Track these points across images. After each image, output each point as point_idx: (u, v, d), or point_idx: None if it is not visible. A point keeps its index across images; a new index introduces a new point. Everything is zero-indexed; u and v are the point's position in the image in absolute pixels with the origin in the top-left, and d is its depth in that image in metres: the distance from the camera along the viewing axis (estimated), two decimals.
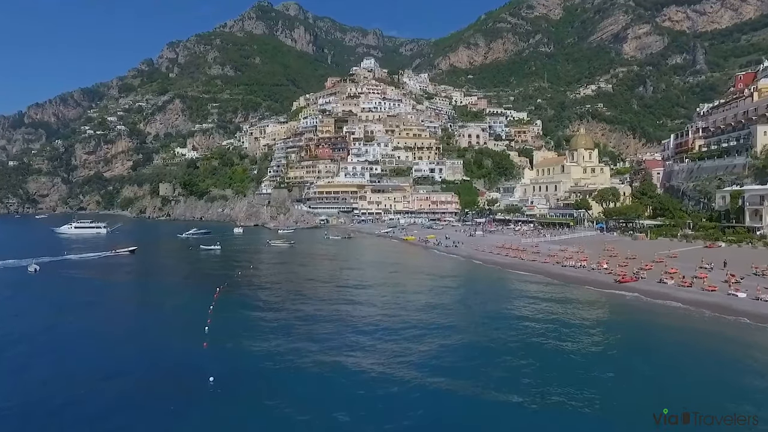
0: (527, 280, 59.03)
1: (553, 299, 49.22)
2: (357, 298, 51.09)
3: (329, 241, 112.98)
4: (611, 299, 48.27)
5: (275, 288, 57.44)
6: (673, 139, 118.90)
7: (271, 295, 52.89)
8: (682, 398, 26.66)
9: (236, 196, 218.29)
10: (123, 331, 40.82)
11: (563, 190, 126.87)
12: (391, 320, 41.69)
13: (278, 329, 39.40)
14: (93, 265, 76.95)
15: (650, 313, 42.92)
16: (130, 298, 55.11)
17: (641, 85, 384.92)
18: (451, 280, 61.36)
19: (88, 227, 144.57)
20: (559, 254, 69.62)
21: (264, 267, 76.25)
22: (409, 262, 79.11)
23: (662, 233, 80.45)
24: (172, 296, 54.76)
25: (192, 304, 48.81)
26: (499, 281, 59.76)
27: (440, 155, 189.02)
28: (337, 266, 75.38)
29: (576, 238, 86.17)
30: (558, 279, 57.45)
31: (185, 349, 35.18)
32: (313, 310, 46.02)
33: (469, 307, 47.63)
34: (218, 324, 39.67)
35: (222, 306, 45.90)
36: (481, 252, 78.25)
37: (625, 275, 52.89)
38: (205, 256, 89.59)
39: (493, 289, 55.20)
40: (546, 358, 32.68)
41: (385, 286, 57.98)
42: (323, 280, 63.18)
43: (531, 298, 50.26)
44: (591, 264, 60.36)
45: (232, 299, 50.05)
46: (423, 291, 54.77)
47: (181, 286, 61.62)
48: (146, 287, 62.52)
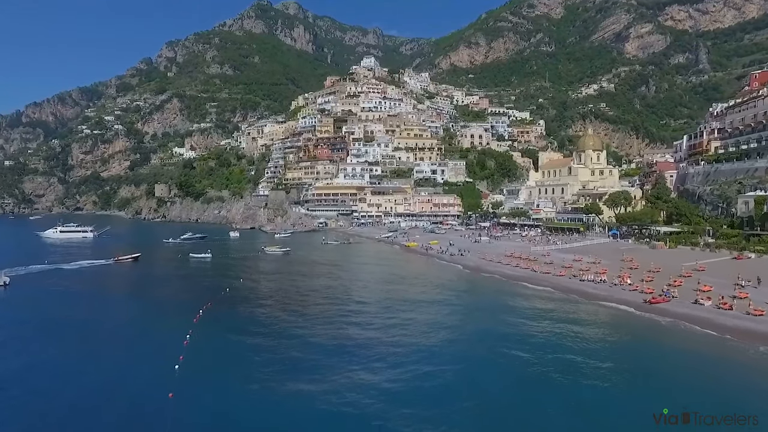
0: (543, 297, 53.44)
1: (575, 321, 43.50)
2: (357, 321, 45.46)
3: (327, 247, 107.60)
4: (643, 324, 41.97)
5: (265, 308, 51.43)
6: (686, 140, 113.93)
7: (260, 318, 47.13)
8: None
9: (233, 198, 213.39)
10: (69, 372, 33.45)
11: (570, 193, 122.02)
12: (398, 352, 36.36)
13: (265, 366, 33.64)
14: (76, 277, 71.07)
15: (696, 346, 36.10)
16: (91, 324, 46.45)
17: (644, 84, 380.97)
18: (459, 298, 55.79)
19: (74, 231, 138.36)
20: (574, 265, 64.60)
21: (255, 280, 69.85)
22: (413, 274, 72.43)
23: (681, 241, 75.41)
24: (145, 320, 48.15)
25: (166, 332, 42.41)
26: (513, 299, 53.91)
27: (442, 156, 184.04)
28: (334, 279, 68.68)
29: (588, 246, 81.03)
30: (577, 296, 51.78)
31: (145, 399, 28.81)
32: (308, 337, 40.47)
33: (481, 335, 41.53)
34: (193, 360, 33.77)
35: (202, 333, 40.15)
36: (489, 261, 72.97)
37: (655, 293, 47.26)
38: (195, 264, 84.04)
39: (507, 311, 49.03)
40: (577, 406, 27.57)
41: (388, 306, 51.81)
42: (318, 297, 57.10)
43: (550, 319, 44.40)
44: (612, 278, 55.14)
45: (215, 324, 44.21)
46: (430, 312, 49.01)
47: (159, 306, 54.68)
48: (116, 307, 54.85)
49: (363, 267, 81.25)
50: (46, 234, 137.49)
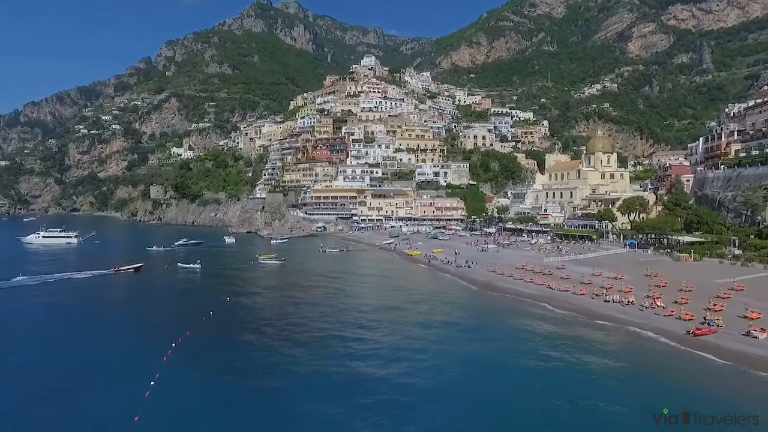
0: (567, 323, 46.81)
1: (609, 356, 37.07)
2: (359, 354, 39.44)
3: (325, 255, 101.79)
4: (694, 367, 34.29)
5: (251, 338, 44.61)
6: (702, 142, 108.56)
7: (244, 352, 40.67)
8: None
9: (230, 200, 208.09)
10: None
11: (580, 198, 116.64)
12: (407, 401, 31.19)
13: (247, 426, 27.70)
14: (52, 291, 64.78)
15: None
16: (35, 364, 38.28)
17: (647, 84, 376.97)
18: (471, 324, 49.13)
19: (57, 237, 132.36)
20: (594, 281, 59.10)
21: (244, 299, 62.31)
22: (417, 292, 65.37)
23: (706, 252, 69.94)
24: (108, 353, 40.56)
25: (130, 371, 35.92)
26: (533, 325, 47.32)
27: (445, 158, 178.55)
28: (332, 298, 61.59)
29: (605, 256, 75.51)
30: (605, 321, 45.42)
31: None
32: (301, 377, 34.74)
33: (500, 375, 35.68)
34: (156, 414, 27.96)
35: (173, 374, 34.10)
36: (499, 276, 67.02)
37: (695, 319, 41.08)
38: (183, 276, 78.06)
39: (528, 342, 42.50)
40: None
41: (393, 334, 45.39)
42: (314, 323, 49.96)
43: (580, 355, 37.88)
44: (641, 299, 49.02)
45: (188, 363, 37.47)
46: (439, 342, 42.68)
47: (127, 337, 46.84)
48: (72, 339, 45.56)
49: (363, 283, 73.90)
50: (27, 240, 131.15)
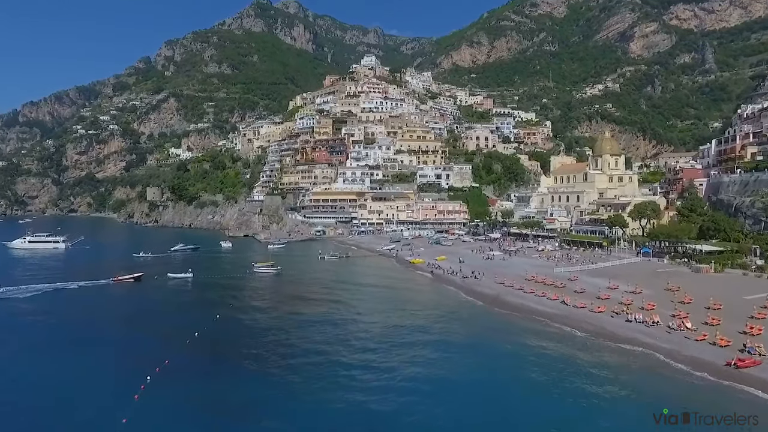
0: (586, 348, 41.65)
1: (641, 394, 32.42)
2: (360, 386, 35.45)
3: (323, 262, 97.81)
4: (743, 407, 28.32)
5: (239, 364, 39.79)
6: (715, 144, 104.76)
7: (230, 383, 35.89)
8: None
9: (227, 202, 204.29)
10: None
11: (587, 202, 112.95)
12: None
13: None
14: (32, 305, 60.38)
15: None
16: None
17: (649, 84, 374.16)
18: (481, 349, 43.95)
19: (44, 241, 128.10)
20: (612, 296, 54.92)
21: (235, 314, 57.33)
22: (421, 307, 60.58)
23: (726, 262, 66.01)
24: (71, 393, 34.47)
25: (93, 418, 30.11)
26: (551, 349, 42.34)
27: (446, 159, 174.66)
28: (330, 315, 56.90)
29: (618, 266, 71.53)
30: (630, 345, 40.73)
31: None
32: (295, 417, 30.76)
33: (519, 417, 31.32)
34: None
35: (143, 417, 29.52)
36: (508, 288, 62.71)
37: (730, 345, 36.51)
38: (173, 287, 73.24)
39: (547, 373, 37.43)
40: None
41: (395, 360, 41.53)
42: (310, 346, 45.35)
43: (608, 390, 33.19)
44: (666, 319, 44.53)
45: (167, 398, 32.45)
46: (447, 373, 38.23)
47: (100, 361, 40.67)
48: (39, 367, 39.70)
49: (363, 296, 68.66)
50: (13, 245, 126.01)
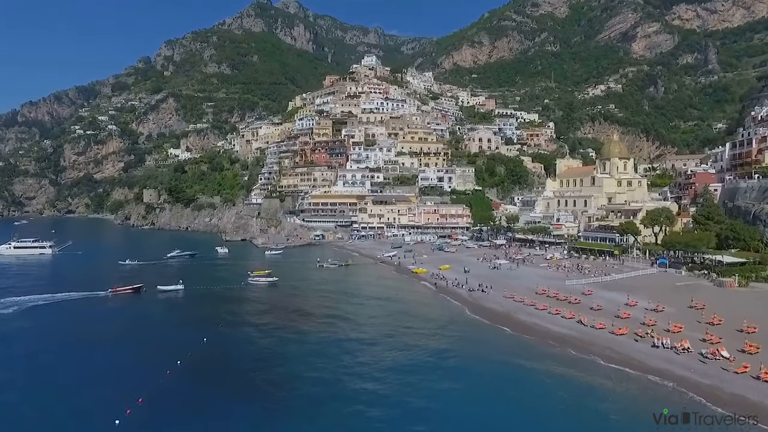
0: (610, 381, 36.74)
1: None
2: (361, 427, 32.33)
3: (322, 271, 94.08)
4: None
5: (225, 401, 35.93)
6: (729, 148, 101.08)
7: (212, 428, 31.91)
8: None
9: (225, 205, 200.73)
10: None
11: (595, 206, 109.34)
12: None
13: None
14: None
15: None
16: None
17: (652, 85, 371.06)
18: (496, 385, 39.16)
19: (29, 247, 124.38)
20: (632, 313, 50.62)
21: (226, 334, 52.35)
22: (425, 324, 55.93)
23: (750, 274, 62.10)
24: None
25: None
26: (569, 384, 37.37)
27: (449, 162, 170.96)
28: (328, 333, 53.24)
29: (634, 278, 67.68)
30: (664, 380, 35.72)
31: None
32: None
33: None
34: None
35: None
36: (518, 304, 58.75)
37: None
38: (163, 301, 69.07)
39: (562, 414, 32.94)
40: None
41: (400, 392, 38.02)
42: (305, 370, 42.02)
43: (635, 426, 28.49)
44: (697, 343, 40.42)
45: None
46: (456, 412, 34.80)
47: (66, 402, 36.38)
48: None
49: (364, 312, 63.66)
50: None
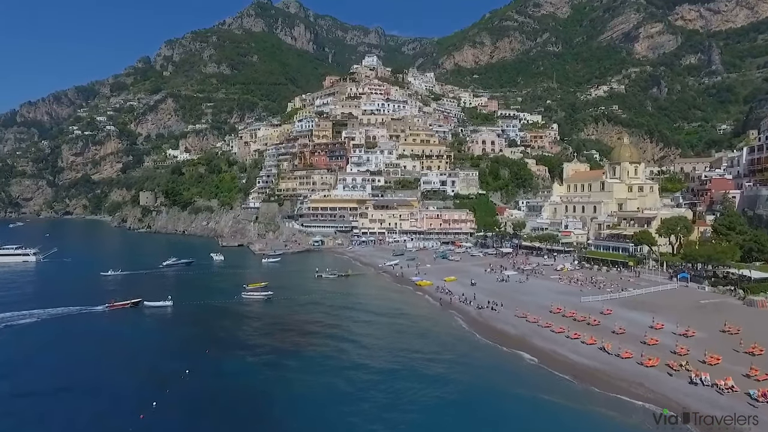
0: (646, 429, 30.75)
1: None
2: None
3: (321, 282, 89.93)
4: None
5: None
6: (746, 153, 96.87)
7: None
8: None
9: (222, 208, 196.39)
10: None
11: (605, 213, 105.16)
12: None
13: None
14: None
15: None
16: None
17: (655, 86, 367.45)
18: (507, 423, 34.74)
19: (12, 254, 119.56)
20: (660, 339, 45.56)
21: (209, 366, 46.51)
22: (431, 349, 50.89)
23: None
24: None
25: None
26: None
27: (452, 165, 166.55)
28: (325, 358, 48.92)
29: (653, 294, 63.11)
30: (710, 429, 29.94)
31: None
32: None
33: None
34: None
35: None
36: (532, 325, 54.03)
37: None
38: (149, 319, 64.23)
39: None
40: None
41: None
42: (300, 408, 38.33)
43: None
44: (741, 380, 35.14)
45: None
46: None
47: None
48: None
49: (365, 329, 59.16)
50: None
